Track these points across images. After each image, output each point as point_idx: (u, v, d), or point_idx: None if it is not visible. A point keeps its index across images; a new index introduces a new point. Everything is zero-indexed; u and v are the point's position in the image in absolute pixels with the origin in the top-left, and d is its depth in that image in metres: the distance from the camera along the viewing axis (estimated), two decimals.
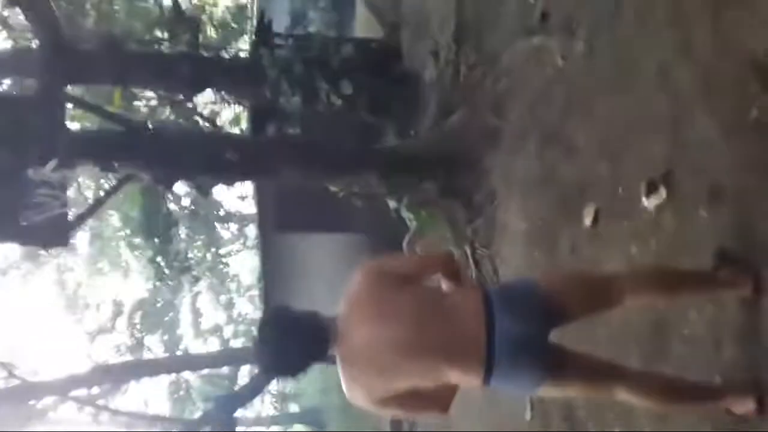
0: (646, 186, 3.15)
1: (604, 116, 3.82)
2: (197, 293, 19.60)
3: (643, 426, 2.98)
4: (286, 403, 22.43)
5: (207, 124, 8.54)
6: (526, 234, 4.93)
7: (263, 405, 21.02)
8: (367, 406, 2.20)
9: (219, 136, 4.76)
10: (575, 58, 4.17)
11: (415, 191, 5.56)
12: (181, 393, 15.82)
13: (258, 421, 21.34)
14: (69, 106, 5.02)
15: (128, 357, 14.82)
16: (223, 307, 21.50)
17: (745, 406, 2.31)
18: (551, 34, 4.41)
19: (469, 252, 5.85)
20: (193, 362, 11.73)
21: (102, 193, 6.17)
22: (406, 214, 6.00)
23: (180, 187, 4.79)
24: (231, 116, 11.25)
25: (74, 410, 13.48)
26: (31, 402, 10.42)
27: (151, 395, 16.58)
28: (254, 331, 2.32)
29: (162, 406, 17.18)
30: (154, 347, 16.84)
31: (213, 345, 20.05)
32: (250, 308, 22.16)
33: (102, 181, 9.40)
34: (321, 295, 8.64)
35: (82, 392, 11.68)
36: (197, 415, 14.65)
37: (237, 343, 21.87)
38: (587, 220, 3.89)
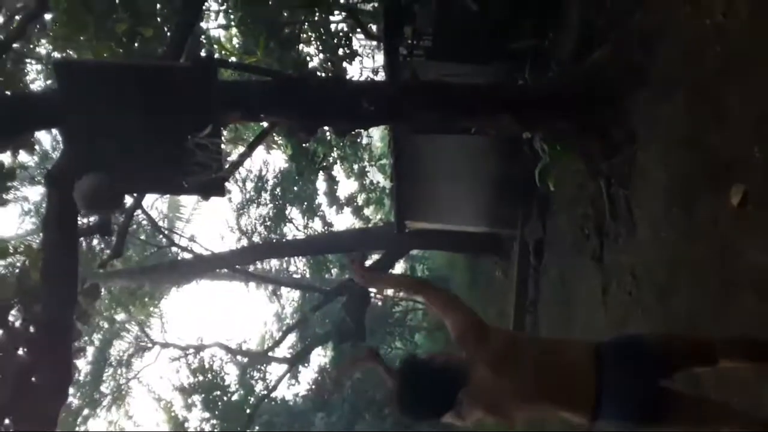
0: None
1: (763, 92, 3.52)
2: (333, 163, 20.43)
3: None
4: (414, 269, 23.65)
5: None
6: (666, 187, 4.77)
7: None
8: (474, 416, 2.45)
9: (357, 85, 4.85)
10: (738, 17, 3.77)
11: (550, 126, 5.44)
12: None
13: None
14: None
15: (273, 229, 16.08)
16: (356, 175, 22.39)
17: None
18: None
19: (604, 187, 5.75)
20: (331, 244, 12.57)
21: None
22: (540, 145, 5.91)
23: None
24: None
25: (226, 277, 15.05)
26: (186, 277, 11.78)
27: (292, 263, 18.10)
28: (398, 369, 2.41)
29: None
30: (296, 217, 17.98)
31: (347, 214, 21.10)
32: (380, 177, 22.99)
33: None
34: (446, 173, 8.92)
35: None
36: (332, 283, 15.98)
37: (368, 211, 23.05)
38: (734, 200, 3.73)
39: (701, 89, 4.17)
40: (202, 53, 7.89)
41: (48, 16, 7.96)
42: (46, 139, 13.05)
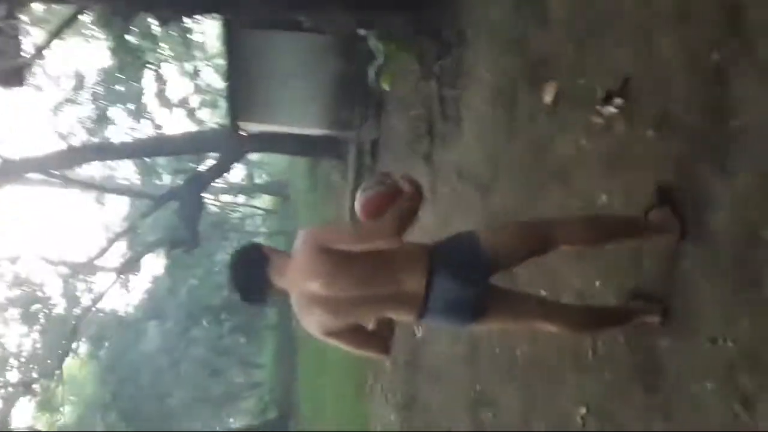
0: (605, 94, 3.20)
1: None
2: (162, 61, 18.99)
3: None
4: (252, 174, 23.19)
5: None
6: (491, 86, 4.96)
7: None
8: (316, 335, 2.48)
9: None
10: None
11: (385, 24, 5.39)
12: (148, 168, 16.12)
13: (227, 189, 22.26)
14: None
15: (94, 131, 14.86)
16: (189, 75, 21.08)
17: (652, 320, 2.68)
18: None
19: (435, 88, 5.87)
20: (161, 147, 11.84)
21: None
22: (375, 44, 5.86)
23: None
24: None
25: (43, 183, 13.81)
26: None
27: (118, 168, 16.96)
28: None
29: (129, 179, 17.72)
30: (120, 119, 16.77)
31: (179, 116, 20.02)
32: (215, 78, 21.80)
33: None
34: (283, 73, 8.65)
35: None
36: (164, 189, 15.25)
37: (202, 114, 21.98)
38: (548, 97, 3.95)
39: None
40: None
41: None
42: None
